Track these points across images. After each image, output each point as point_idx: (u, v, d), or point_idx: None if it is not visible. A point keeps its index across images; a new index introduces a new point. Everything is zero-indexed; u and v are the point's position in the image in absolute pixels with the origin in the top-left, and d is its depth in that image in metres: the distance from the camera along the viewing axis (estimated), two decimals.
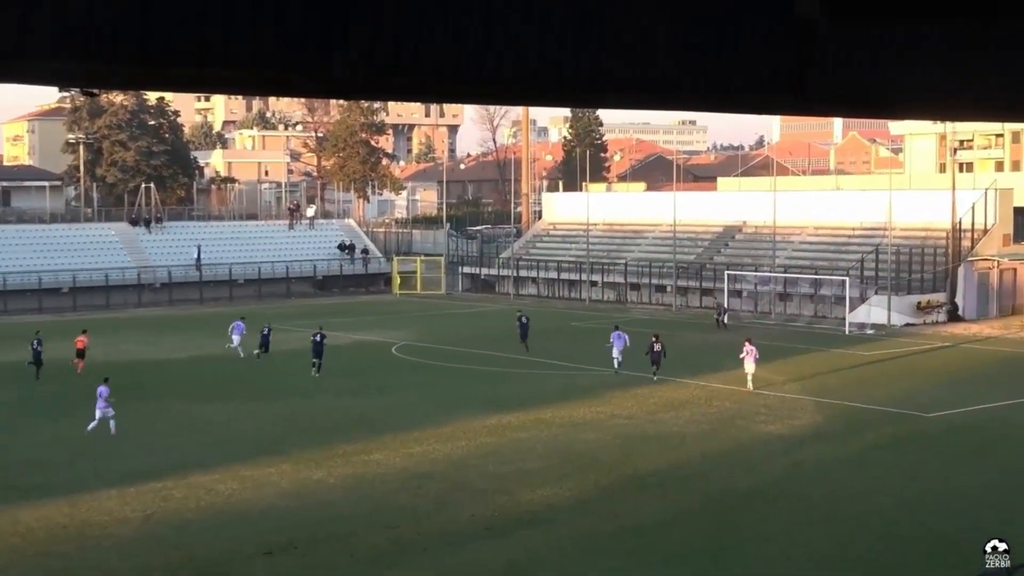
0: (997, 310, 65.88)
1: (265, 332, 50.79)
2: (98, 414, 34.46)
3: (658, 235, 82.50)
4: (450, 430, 34.71)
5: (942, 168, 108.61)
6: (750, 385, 41.61)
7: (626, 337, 47.63)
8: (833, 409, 38.29)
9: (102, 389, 34.84)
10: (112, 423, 34.33)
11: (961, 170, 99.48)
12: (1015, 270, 66.46)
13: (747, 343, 42.98)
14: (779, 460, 30.90)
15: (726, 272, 68.99)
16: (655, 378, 43.54)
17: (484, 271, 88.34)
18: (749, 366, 41.96)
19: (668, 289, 74.92)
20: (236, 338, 51.07)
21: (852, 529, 24.26)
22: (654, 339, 45.09)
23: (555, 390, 42.27)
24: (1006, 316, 64.95)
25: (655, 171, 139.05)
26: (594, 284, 79.20)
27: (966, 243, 65.76)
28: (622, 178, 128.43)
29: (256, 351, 49.95)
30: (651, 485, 28.11)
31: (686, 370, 46.24)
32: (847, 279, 62.64)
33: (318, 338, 46.86)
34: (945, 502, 26.51)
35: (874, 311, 62.26)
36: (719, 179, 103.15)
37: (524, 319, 54.50)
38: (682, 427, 35.27)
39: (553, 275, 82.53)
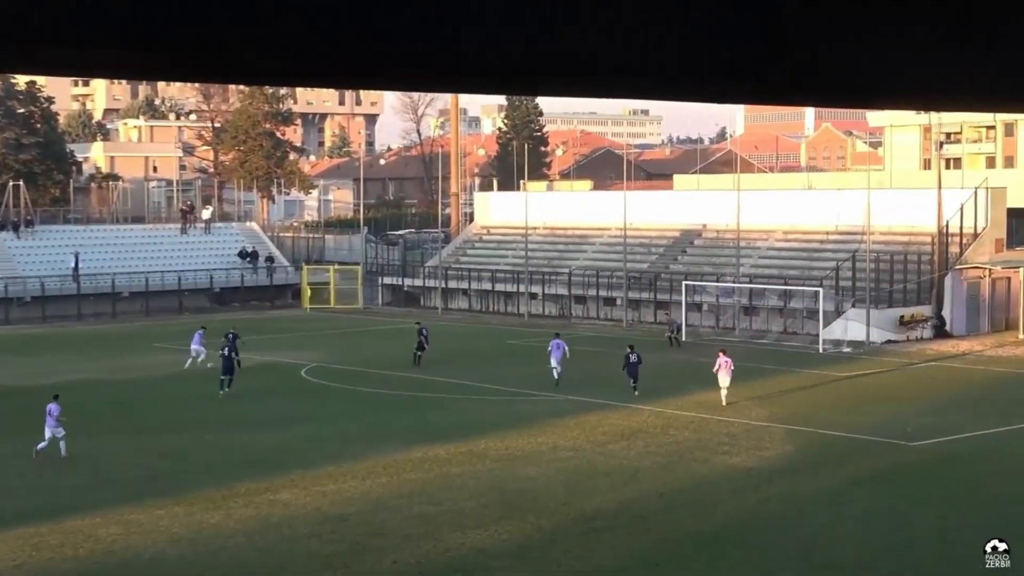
0: (989, 325, 66.73)
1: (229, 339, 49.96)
2: (47, 433, 35.46)
3: (606, 240, 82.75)
4: (369, 465, 34.50)
5: (927, 164, 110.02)
6: (724, 401, 43.15)
7: (565, 346, 49.60)
8: (805, 438, 38.52)
9: (52, 407, 35.78)
10: (62, 444, 35.25)
11: (948, 167, 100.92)
12: (1009, 279, 67.34)
13: (721, 354, 44.29)
14: (744, 498, 31.00)
15: (683, 282, 69.35)
16: (636, 393, 45.23)
17: (408, 282, 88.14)
18: (724, 379, 43.24)
19: (618, 302, 75.15)
20: (196, 348, 53.65)
21: None
22: (629, 350, 46.59)
23: (490, 418, 42.17)
24: (999, 331, 65.81)
25: (603, 167, 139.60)
26: (534, 297, 79.28)
27: (954, 249, 66.55)
28: (565, 175, 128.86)
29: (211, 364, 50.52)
30: (600, 528, 28.09)
31: (641, 394, 46.32)
32: (820, 290, 63.19)
33: (226, 351, 47.37)
34: (936, 550, 26.69)
35: (851, 326, 62.84)
36: (675, 176, 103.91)
37: (424, 332, 56.53)
38: (635, 460, 35.30)
39: (487, 286, 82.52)
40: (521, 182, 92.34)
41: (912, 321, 64.19)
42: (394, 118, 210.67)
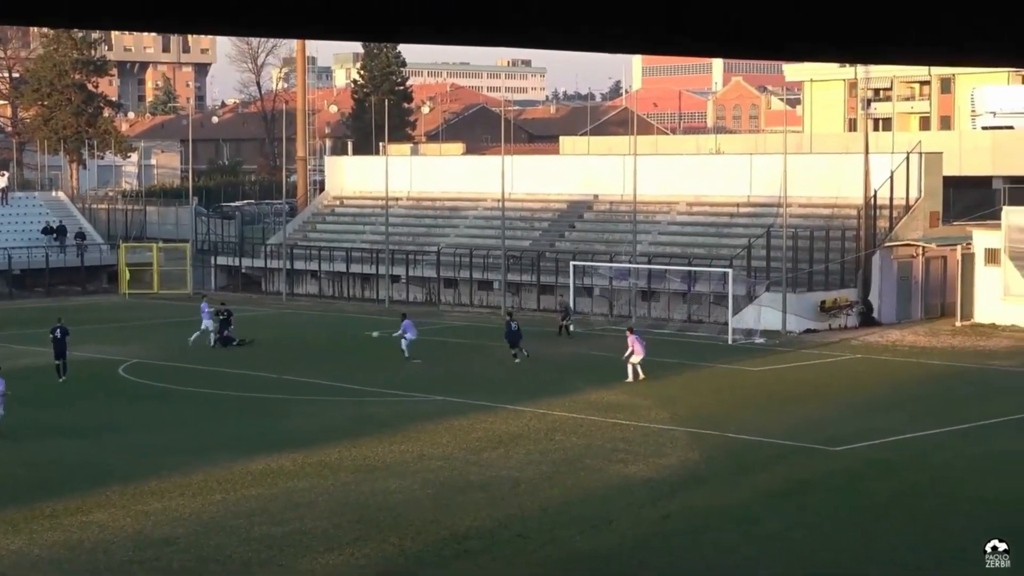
0: (922, 311, 68.02)
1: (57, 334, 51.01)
2: None
3: (481, 214, 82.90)
4: (200, 479, 34.28)
5: (852, 125, 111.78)
6: (640, 374, 47.61)
7: (414, 329, 54.14)
8: (712, 443, 39.00)
9: None
10: None
11: (876, 128, 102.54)
12: (944, 259, 68.67)
13: (629, 333, 48.30)
14: (642, 513, 31.30)
15: (572, 263, 69.74)
16: (517, 361, 51.25)
17: (246, 263, 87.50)
18: (637, 357, 47.88)
19: (495, 286, 75.34)
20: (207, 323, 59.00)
21: None
22: (508, 316, 51.29)
23: (344, 423, 42.11)
24: (933, 319, 67.11)
25: (477, 127, 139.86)
26: (396, 280, 79.18)
27: (883, 224, 67.67)
28: (433, 137, 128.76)
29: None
30: (474, 550, 28.21)
31: (520, 394, 46.54)
32: (730, 272, 63.85)
33: (58, 333, 50.06)
34: (862, 569, 27.20)
35: (765, 313, 63.65)
36: (562, 139, 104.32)
37: (226, 312, 60.26)
38: (514, 470, 35.48)
39: (340, 268, 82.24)
40: (381, 145, 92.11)
41: (835, 307, 65.18)
42: (229, 68, 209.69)
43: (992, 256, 64.25)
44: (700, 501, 32.48)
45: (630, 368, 49.00)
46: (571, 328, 62.33)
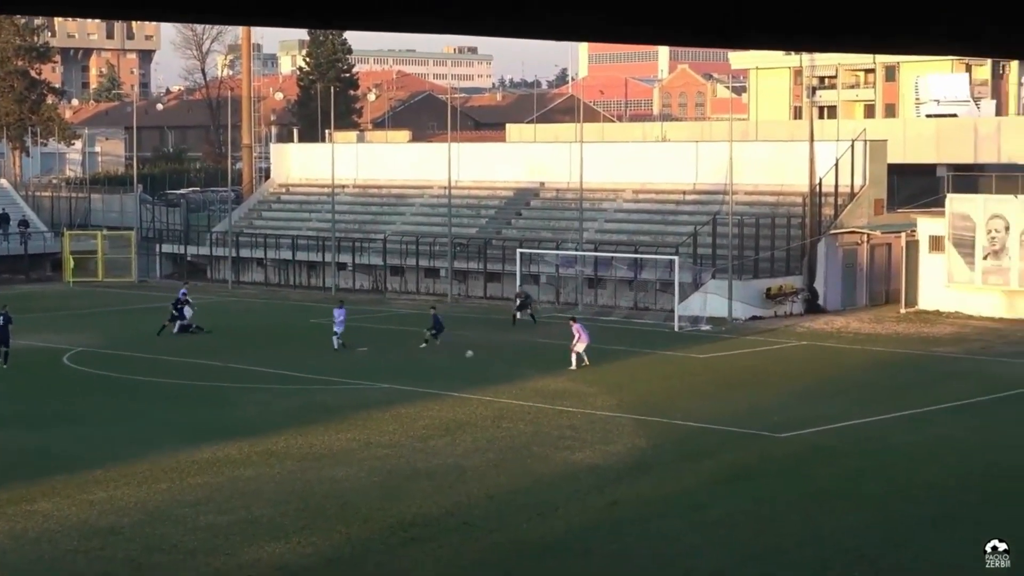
0: (867, 298, 68.40)
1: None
2: None
3: (428, 201, 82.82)
4: (146, 468, 34.17)
5: (797, 113, 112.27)
6: (585, 361, 48.90)
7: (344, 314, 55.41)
8: (659, 430, 39.14)
9: None
10: None
11: (821, 116, 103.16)
12: (889, 246, 69.08)
13: (573, 323, 49.99)
14: (589, 501, 31.41)
15: (518, 250, 69.80)
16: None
17: (191, 251, 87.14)
18: (582, 345, 49.00)
19: (442, 273, 75.31)
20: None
21: None
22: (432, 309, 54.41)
23: (291, 411, 42.06)
24: (878, 306, 67.49)
25: (424, 114, 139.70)
26: (342, 267, 79.04)
27: (828, 211, 68.01)
28: (379, 124, 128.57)
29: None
30: (421, 537, 28.24)
31: (466, 381, 46.59)
32: (676, 259, 64.04)
33: (2, 320, 50.43)
34: (804, 554, 27.40)
35: (711, 300, 63.89)
36: (509, 126, 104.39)
37: (183, 293, 60.34)
38: (461, 458, 35.52)
39: (286, 255, 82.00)
40: (327, 132, 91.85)
41: (780, 294, 65.47)
42: (174, 55, 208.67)
43: (936, 243, 64.72)
44: (646, 488, 32.60)
45: (574, 356, 49.25)
46: (529, 314, 61.93)
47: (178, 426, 40.00)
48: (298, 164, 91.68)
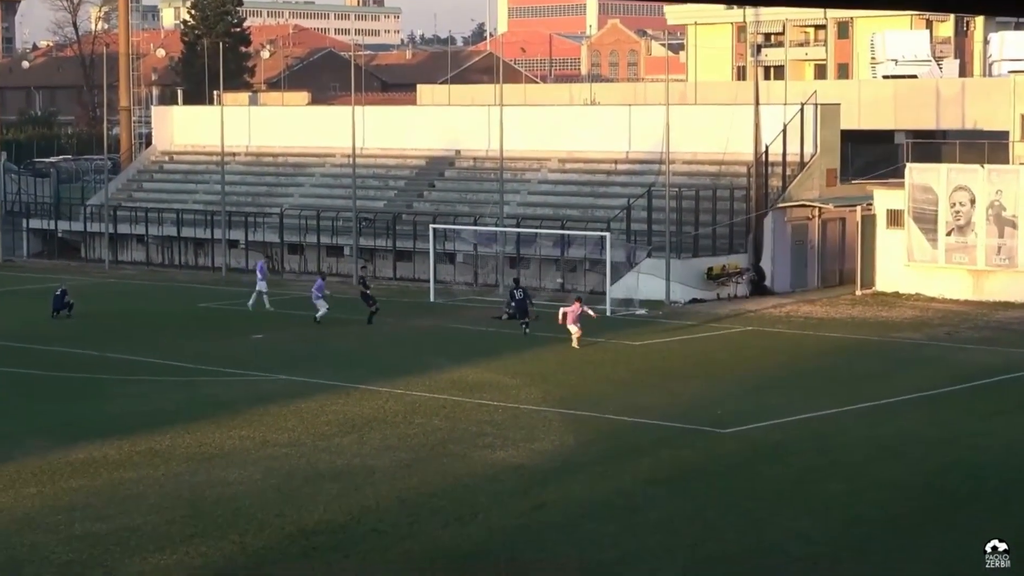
0: (819, 278, 68.73)
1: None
2: None
3: (330, 171, 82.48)
4: (13, 471, 33.90)
5: (741, 74, 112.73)
6: (573, 342, 50.43)
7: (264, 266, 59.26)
8: (590, 426, 39.18)
9: None
10: None
11: (768, 76, 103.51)
12: (843, 221, 69.46)
13: (578, 303, 51.40)
14: (512, 504, 31.40)
15: (431, 226, 69.54)
16: (527, 331, 53.43)
17: (63, 226, 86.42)
18: (574, 327, 50.23)
19: (346, 251, 75.05)
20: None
21: None
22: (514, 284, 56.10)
23: (176, 405, 41.84)
24: (831, 287, 67.84)
25: (324, 74, 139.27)
26: (234, 245, 78.61)
27: (775, 183, 68.22)
28: (274, 85, 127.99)
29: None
30: (324, 547, 28.15)
31: (374, 372, 46.49)
32: (607, 235, 64.06)
33: None
34: (751, 563, 27.49)
35: (646, 281, 63.98)
36: (420, 87, 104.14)
37: (61, 291, 60.03)
38: (369, 457, 35.42)
39: (171, 231, 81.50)
40: (215, 93, 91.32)
41: (723, 274, 65.67)
42: (42, 6, 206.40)
43: (895, 218, 65.10)
44: (576, 490, 32.61)
45: (575, 336, 50.70)
46: (527, 324, 55.59)
47: (49, 423, 39.65)
48: (183, 129, 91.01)
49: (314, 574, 26.44)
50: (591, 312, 51.80)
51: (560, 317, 51.01)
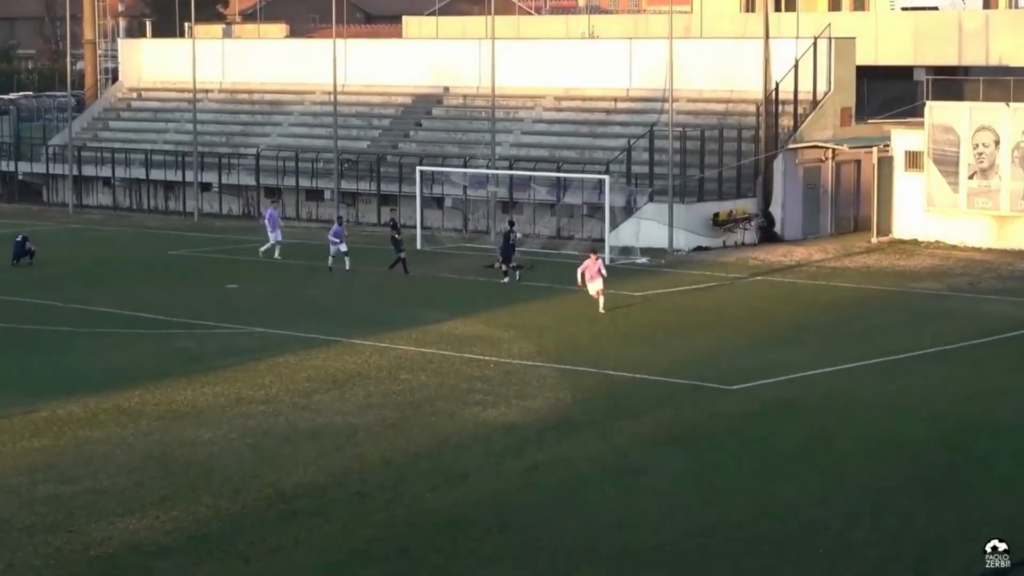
0: (832, 225, 68.74)
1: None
2: None
3: (309, 109, 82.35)
4: None
5: (749, 5, 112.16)
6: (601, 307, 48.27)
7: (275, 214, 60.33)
8: (588, 382, 39.21)
9: None
10: None
11: (778, 8, 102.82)
12: (858, 163, 69.39)
13: (593, 255, 49.25)
14: (504, 465, 31.39)
15: (418, 167, 69.42)
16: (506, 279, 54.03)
17: (24, 168, 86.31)
18: (595, 286, 48.36)
19: (327, 195, 74.98)
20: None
21: None
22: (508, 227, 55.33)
23: (146, 361, 41.87)
24: (845, 233, 67.84)
25: (303, 5, 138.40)
26: (207, 188, 78.53)
27: (786, 122, 68.13)
28: (250, 16, 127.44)
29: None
30: (304, 511, 28.15)
31: (357, 325, 46.53)
32: (606, 179, 64.01)
33: None
34: (759, 528, 27.50)
35: (648, 228, 63.95)
36: (406, 19, 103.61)
37: (21, 237, 60.46)
38: (352, 416, 35.44)
39: (139, 174, 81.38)
40: (187, 25, 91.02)
41: (730, 221, 65.64)
42: None
43: (913, 160, 65.06)
44: (572, 450, 32.63)
45: (598, 296, 48.98)
46: (515, 276, 56.69)
47: (10, 379, 39.72)
48: (152, 64, 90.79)
49: (292, 540, 26.44)
50: (603, 268, 49.57)
51: (580, 279, 49.12)
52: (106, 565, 25.22)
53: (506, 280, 54.27)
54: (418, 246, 63.28)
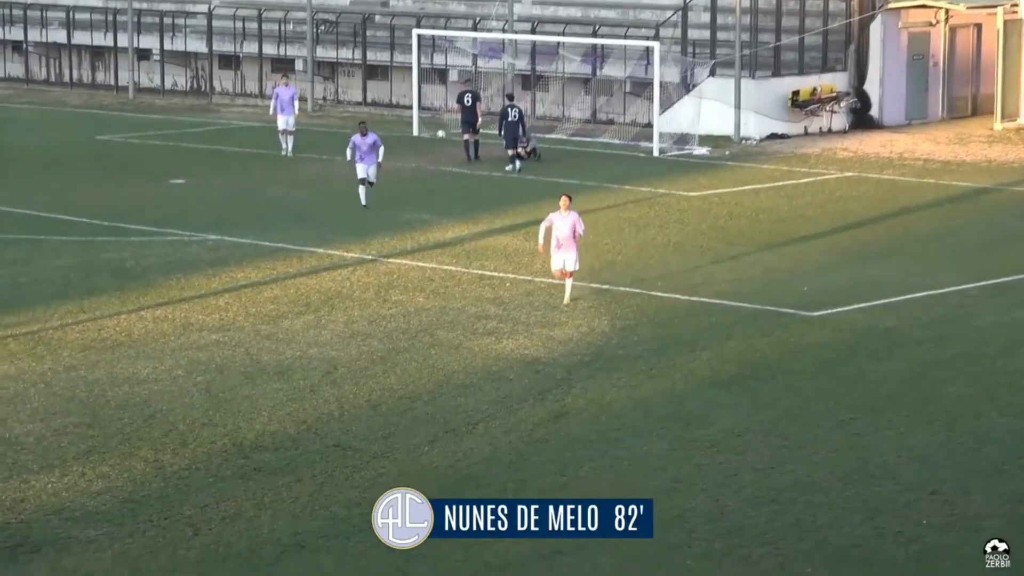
0: (944, 108, 68.67)
1: None
2: None
3: None
4: None
5: None
6: (567, 297, 39.92)
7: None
8: (629, 306, 39.39)
9: None
10: None
11: None
12: (978, 28, 69.19)
13: (566, 203, 39.92)
14: (524, 412, 31.41)
15: (415, 30, 69.40)
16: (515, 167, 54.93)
17: None
18: (559, 260, 39.84)
19: (299, 66, 74.94)
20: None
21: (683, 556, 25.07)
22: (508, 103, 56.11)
23: (68, 275, 42.24)
24: (961, 118, 67.86)
25: None
26: (145, 56, 78.52)
27: None
28: None
29: None
30: (267, 468, 28.25)
31: (337, 230, 46.73)
32: (656, 46, 63.95)
33: None
34: (848, 492, 27.59)
35: (708, 110, 63.96)
36: None
37: None
38: (330, 348, 35.61)
39: (59, 37, 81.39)
40: None
41: (814, 101, 65.63)
42: None
43: None
44: (610, 392, 32.72)
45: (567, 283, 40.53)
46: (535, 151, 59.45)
47: None
48: None
49: (254, 504, 26.50)
50: (580, 225, 40.01)
51: (541, 240, 40.14)
52: (18, 534, 25.29)
53: (508, 168, 54.32)
54: (415, 132, 63.33)
